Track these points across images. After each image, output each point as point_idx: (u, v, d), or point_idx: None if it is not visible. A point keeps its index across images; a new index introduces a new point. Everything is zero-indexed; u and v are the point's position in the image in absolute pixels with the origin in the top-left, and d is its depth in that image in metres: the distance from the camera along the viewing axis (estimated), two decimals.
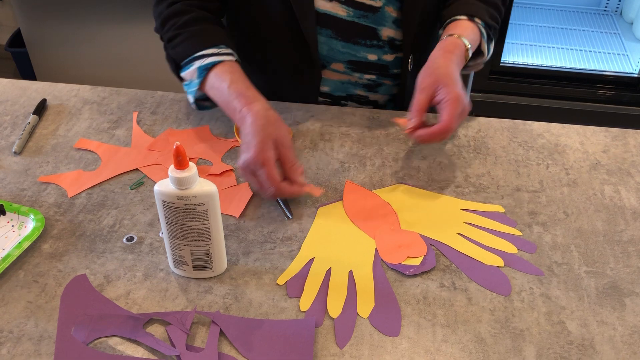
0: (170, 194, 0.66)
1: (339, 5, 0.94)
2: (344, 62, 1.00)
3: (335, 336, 0.66)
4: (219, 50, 0.88)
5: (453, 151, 0.93)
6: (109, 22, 1.95)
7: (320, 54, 0.98)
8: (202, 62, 0.87)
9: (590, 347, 0.66)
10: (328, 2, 0.93)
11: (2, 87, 1.06)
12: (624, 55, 1.96)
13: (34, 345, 0.65)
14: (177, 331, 0.66)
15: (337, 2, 0.94)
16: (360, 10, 0.94)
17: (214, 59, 0.87)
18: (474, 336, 0.67)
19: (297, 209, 0.82)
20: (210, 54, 0.87)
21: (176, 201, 0.66)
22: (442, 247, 0.77)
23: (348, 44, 0.97)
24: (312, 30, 0.95)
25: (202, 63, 0.87)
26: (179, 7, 0.91)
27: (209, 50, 0.88)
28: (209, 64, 0.86)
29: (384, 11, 0.95)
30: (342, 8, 0.94)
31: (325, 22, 0.95)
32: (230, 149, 0.92)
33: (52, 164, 0.90)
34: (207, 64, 0.86)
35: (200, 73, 0.87)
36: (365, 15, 0.95)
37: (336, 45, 0.97)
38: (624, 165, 0.91)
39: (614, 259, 0.76)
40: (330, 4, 0.93)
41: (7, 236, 0.77)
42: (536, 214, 0.82)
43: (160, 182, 0.67)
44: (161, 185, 0.66)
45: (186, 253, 0.70)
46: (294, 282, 0.72)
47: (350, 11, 0.94)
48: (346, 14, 0.94)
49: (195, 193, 0.66)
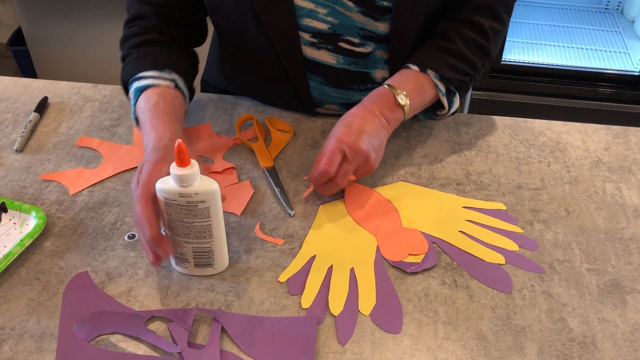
0: (171, 192, 0.66)
1: (327, 53, 0.90)
2: (338, 104, 0.96)
3: (336, 333, 0.66)
4: (160, 74, 0.85)
5: (454, 149, 0.93)
6: (109, 20, 1.95)
7: (313, 97, 0.95)
8: (139, 84, 0.85)
9: (592, 344, 0.66)
10: (316, 50, 0.90)
11: (4, 85, 1.07)
12: (625, 54, 1.95)
13: (36, 342, 0.65)
14: (179, 328, 0.66)
15: (325, 50, 0.90)
16: (350, 58, 0.90)
17: (148, 82, 0.84)
18: (475, 333, 0.67)
19: (299, 206, 0.82)
20: (148, 76, 0.85)
21: (178, 198, 0.66)
22: (443, 245, 0.77)
23: (341, 90, 0.94)
24: (302, 77, 0.92)
25: (138, 84, 0.85)
26: (136, 29, 0.90)
27: (149, 73, 0.85)
28: (142, 86, 0.84)
29: (374, 55, 0.91)
30: (331, 56, 0.90)
31: (315, 69, 0.92)
32: (232, 147, 0.92)
33: (54, 162, 0.90)
34: (141, 85, 0.84)
35: (135, 94, 0.85)
36: (356, 62, 0.91)
37: (328, 91, 0.94)
38: (625, 162, 0.91)
39: (615, 256, 0.76)
40: (319, 52, 0.90)
41: (9, 234, 0.77)
42: (537, 212, 0.82)
43: (162, 179, 0.67)
44: (163, 183, 0.66)
45: (188, 250, 0.70)
46: (296, 279, 0.72)
47: (340, 59, 0.90)
48: (336, 61, 0.90)
49: (197, 190, 0.66)
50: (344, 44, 0.89)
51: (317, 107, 0.98)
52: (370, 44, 0.89)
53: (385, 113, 0.83)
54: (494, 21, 0.89)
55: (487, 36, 0.88)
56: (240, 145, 0.93)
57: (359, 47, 0.89)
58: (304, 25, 0.87)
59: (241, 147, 0.93)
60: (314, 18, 0.86)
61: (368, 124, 0.81)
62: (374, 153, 0.80)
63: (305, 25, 0.87)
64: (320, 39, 0.88)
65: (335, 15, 0.86)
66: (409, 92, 0.84)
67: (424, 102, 0.88)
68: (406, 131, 0.96)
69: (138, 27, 0.90)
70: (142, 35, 0.89)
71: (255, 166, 0.89)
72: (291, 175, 0.87)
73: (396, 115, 0.84)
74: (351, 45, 0.89)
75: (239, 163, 0.90)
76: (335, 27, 0.87)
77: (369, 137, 0.79)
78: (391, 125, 0.84)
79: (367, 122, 0.81)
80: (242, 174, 0.88)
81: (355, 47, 0.89)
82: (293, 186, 0.86)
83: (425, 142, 0.94)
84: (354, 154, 0.78)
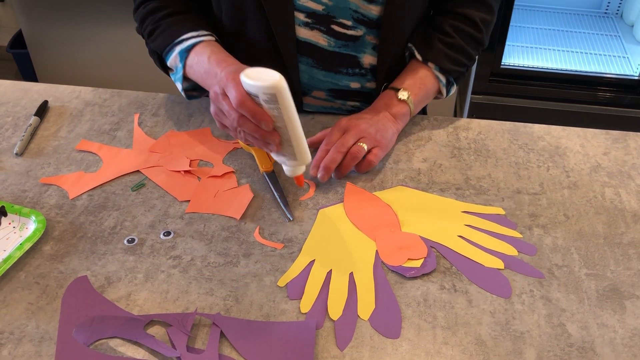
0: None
1: (320, 34, 0.92)
2: (325, 90, 0.98)
3: (335, 338, 0.66)
4: (198, 33, 0.89)
5: (454, 153, 0.93)
6: (110, 24, 1.95)
7: (301, 81, 0.97)
8: (182, 46, 0.88)
9: (591, 349, 0.66)
10: (309, 31, 0.91)
11: (4, 88, 1.07)
12: (625, 58, 1.96)
13: (34, 346, 0.65)
14: (177, 333, 0.66)
15: (318, 31, 0.91)
16: (341, 40, 0.92)
17: (194, 40, 0.88)
18: (474, 338, 0.67)
19: (298, 210, 0.82)
20: (189, 37, 0.89)
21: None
22: (442, 250, 0.77)
23: (329, 73, 0.96)
24: (293, 58, 0.93)
25: (182, 47, 0.88)
26: (154, 4, 0.93)
27: (188, 34, 0.89)
28: (189, 45, 0.88)
29: (364, 39, 0.93)
30: (324, 37, 0.92)
31: (306, 51, 0.93)
32: (231, 151, 0.92)
33: (54, 166, 0.90)
34: (187, 45, 0.88)
35: (181, 56, 0.88)
36: (346, 45, 0.93)
37: (317, 74, 0.96)
38: (625, 167, 0.91)
39: (615, 261, 0.76)
40: (312, 33, 0.92)
41: (9, 237, 0.78)
42: (536, 217, 0.82)
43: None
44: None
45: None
46: (295, 284, 0.72)
47: (332, 41, 0.92)
48: (327, 43, 0.92)
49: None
50: (337, 27, 0.91)
51: (305, 95, 1.00)
52: (362, 27, 0.92)
53: (389, 108, 0.91)
54: (484, 12, 0.94)
55: (479, 28, 0.94)
56: (240, 149, 0.93)
57: (351, 29, 0.92)
58: (300, 5, 0.89)
59: (240, 151, 0.93)
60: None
61: (367, 114, 0.90)
62: (375, 129, 0.87)
63: (300, 5, 0.89)
64: (314, 19, 0.91)
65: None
66: (409, 87, 0.91)
67: (428, 94, 0.95)
68: (405, 136, 0.96)
69: (156, 3, 0.93)
70: (164, 9, 0.92)
71: (254, 170, 0.89)
72: (291, 179, 0.87)
73: (400, 109, 0.91)
74: (344, 27, 0.91)
75: (239, 167, 0.90)
76: (329, 8, 0.89)
77: (368, 120, 0.88)
78: (398, 118, 0.91)
79: (366, 113, 0.91)
80: (241, 178, 0.88)
81: (348, 29, 0.92)
82: (292, 190, 0.86)
83: (425, 146, 0.94)
84: (351, 128, 0.87)
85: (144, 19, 0.93)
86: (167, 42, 0.90)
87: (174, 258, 0.76)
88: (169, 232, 0.79)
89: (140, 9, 0.94)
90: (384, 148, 0.88)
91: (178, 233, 0.79)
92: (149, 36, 0.93)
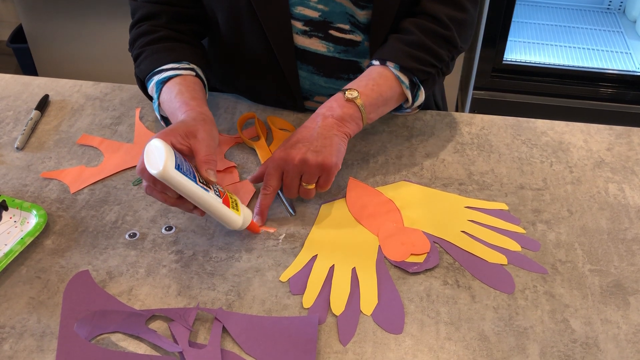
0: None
1: (318, 41, 0.91)
2: (327, 95, 0.94)
3: (338, 333, 0.66)
4: (178, 66, 0.87)
5: (456, 149, 0.92)
6: (111, 18, 1.95)
7: (303, 88, 0.96)
8: (160, 77, 0.86)
9: (594, 345, 0.66)
10: (307, 39, 0.90)
11: (5, 82, 1.06)
12: (627, 54, 1.95)
13: (36, 341, 0.65)
14: (179, 327, 0.66)
15: (316, 38, 0.90)
16: (340, 46, 0.91)
17: (170, 73, 0.86)
18: (477, 334, 0.66)
19: (300, 205, 0.82)
20: (168, 68, 0.87)
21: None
22: (445, 245, 0.77)
23: (330, 80, 0.95)
24: (292, 66, 0.92)
25: (159, 77, 0.86)
26: (146, 27, 0.91)
27: (168, 66, 0.87)
28: (164, 77, 0.86)
29: (364, 45, 0.91)
30: (322, 44, 0.91)
31: (305, 58, 0.92)
32: (233, 145, 0.92)
33: (55, 160, 0.89)
34: (163, 77, 0.86)
35: (157, 88, 0.86)
36: (346, 50, 0.92)
37: (318, 81, 0.95)
38: (628, 163, 0.91)
39: (618, 257, 0.76)
40: (310, 40, 0.90)
41: (10, 232, 0.77)
42: (540, 212, 0.82)
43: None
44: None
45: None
46: (297, 279, 0.72)
47: (331, 47, 0.91)
48: (326, 49, 0.91)
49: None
50: (335, 32, 0.90)
51: (306, 100, 0.98)
52: (359, 32, 0.91)
53: (335, 111, 0.82)
54: (453, 9, 0.87)
55: (445, 25, 0.87)
56: (242, 144, 0.93)
57: (349, 34, 0.91)
58: (296, 13, 0.88)
59: (242, 146, 0.92)
60: (305, 6, 0.88)
61: (305, 129, 0.81)
62: (314, 152, 0.78)
63: (297, 14, 0.89)
64: (311, 26, 0.90)
65: (325, 3, 0.87)
66: (359, 86, 0.83)
67: (384, 97, 0.85)
68: (408, 131, 0.95)
69: (148, 26, 0.91)
70: (153, 33, 0.90)
71: (256, 165, 0.89)
72: None
73: (347, 110, 0.82)
74: (342, 32, 0.90)
75: (241, 162, 0.89)
76: (325, 14, 0.88)
77: (305, 143, 0.79)
78: (344, 121, 0.82)
79: (304, 128, 0.81)
80: (243, 173, 0.87)
81: (346, 34, 0.90)
82: None
83: (428, 141, 0.94)
84: (288, 163, 0.78)
85: (134, 41, 0.92)
86: (148, 70, 0.88)
87: (176, 253, 0.75)
88: (170, 226, 0.79)
89: (134, 30, 0.93)
90: (332, 170, 0.79)
91: (180, 228, 0.79)
92: (135, 60, 0.92)
